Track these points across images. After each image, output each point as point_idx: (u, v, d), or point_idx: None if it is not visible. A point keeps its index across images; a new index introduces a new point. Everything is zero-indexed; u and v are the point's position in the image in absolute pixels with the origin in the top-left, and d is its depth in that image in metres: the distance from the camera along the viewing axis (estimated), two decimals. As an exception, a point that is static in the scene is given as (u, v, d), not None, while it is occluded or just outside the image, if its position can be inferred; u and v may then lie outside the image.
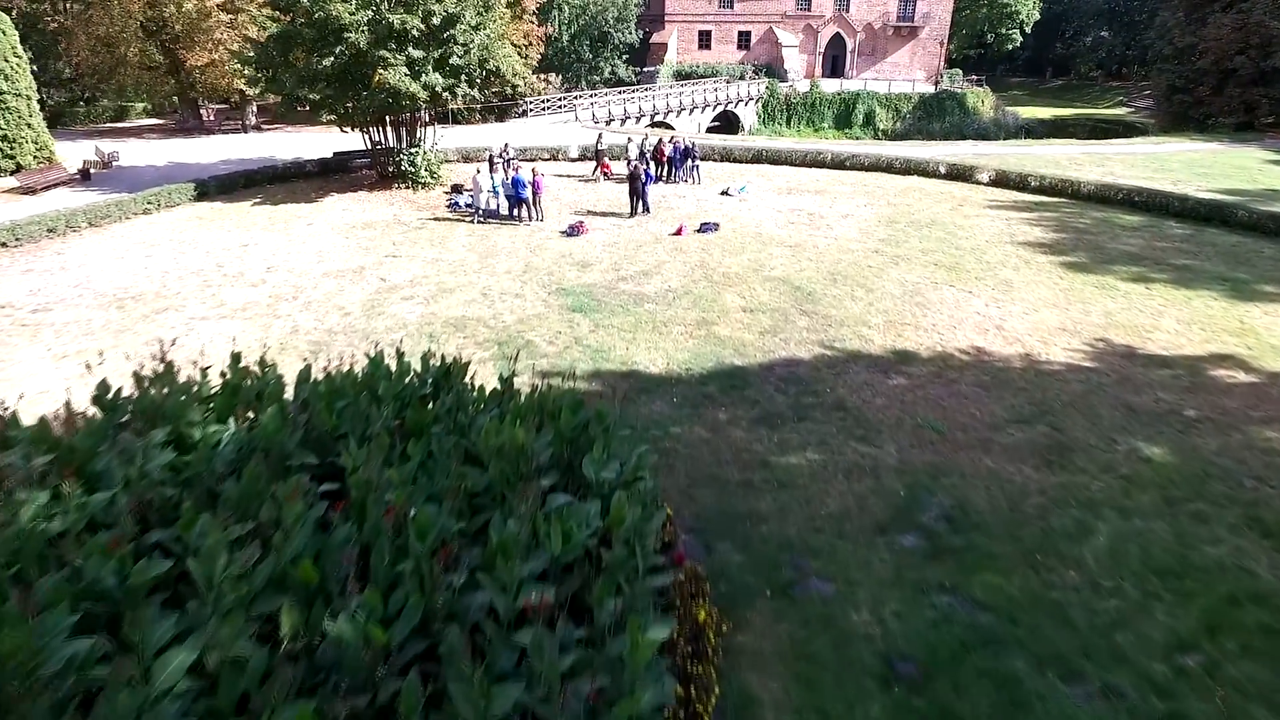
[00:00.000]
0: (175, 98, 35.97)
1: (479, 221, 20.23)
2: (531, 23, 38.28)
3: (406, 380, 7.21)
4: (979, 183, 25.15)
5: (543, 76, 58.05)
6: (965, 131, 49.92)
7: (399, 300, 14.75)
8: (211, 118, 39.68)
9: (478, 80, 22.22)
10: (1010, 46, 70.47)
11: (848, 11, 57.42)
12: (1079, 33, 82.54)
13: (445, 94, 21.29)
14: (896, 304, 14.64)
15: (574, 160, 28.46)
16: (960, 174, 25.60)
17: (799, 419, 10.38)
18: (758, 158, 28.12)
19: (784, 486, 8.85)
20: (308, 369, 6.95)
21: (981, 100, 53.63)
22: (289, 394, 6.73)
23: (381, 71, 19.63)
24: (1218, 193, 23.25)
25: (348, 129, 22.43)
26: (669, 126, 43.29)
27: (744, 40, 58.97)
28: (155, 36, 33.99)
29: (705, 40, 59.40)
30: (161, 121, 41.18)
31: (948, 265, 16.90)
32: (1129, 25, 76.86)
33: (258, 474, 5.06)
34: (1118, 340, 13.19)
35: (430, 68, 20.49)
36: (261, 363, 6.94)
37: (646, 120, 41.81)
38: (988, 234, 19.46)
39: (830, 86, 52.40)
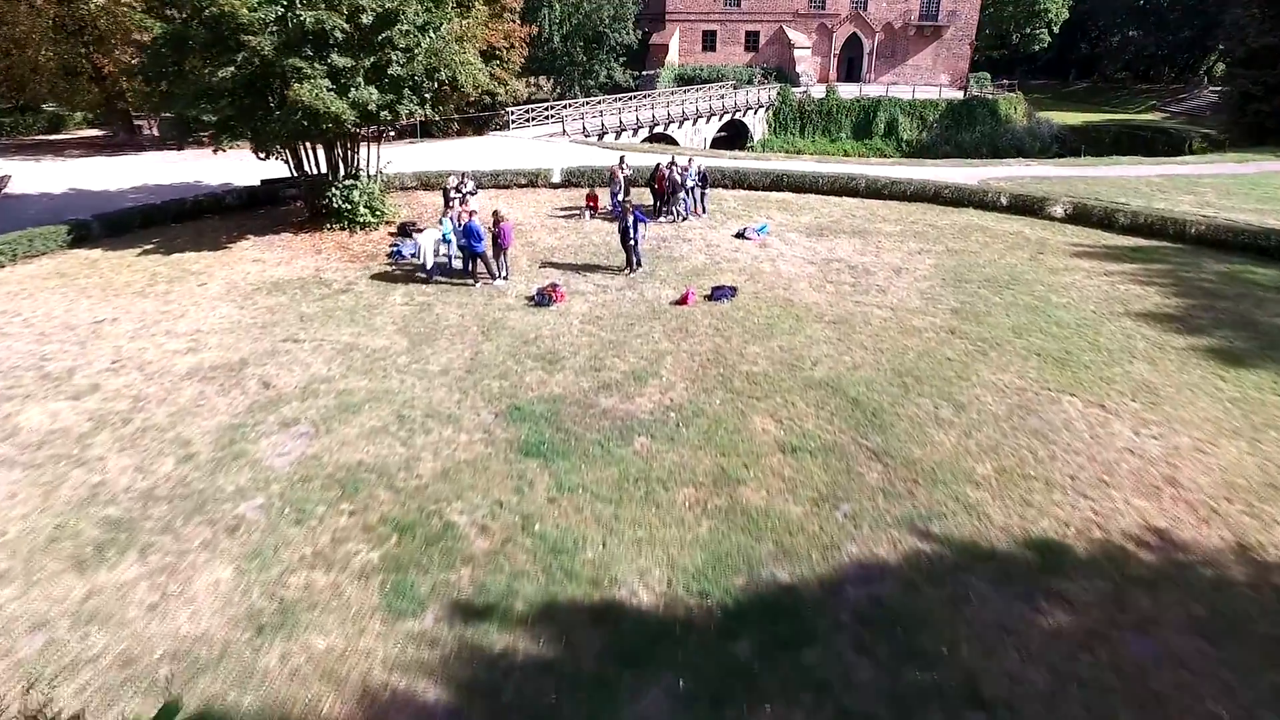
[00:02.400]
0: (101, 109, 31.33)
1: (425, 279, 15.56)
2: (514, 22, 33.54)
3: None
4: (1052, 218, 20.44)
5: (532, 81, 53.45)
6: (998, 143, 45.31)
7: (276, 427, 10.07)
8: (155, 130, 35.13)
9: (428, 95, 17.52)
10: (1038, 47, 65.69)
11: (865, 10, 52.71)
12: (1105, 32, 77.70)
13: (384, 113, 16.61)
14: (1005, 433, 9.95)
15: (557, 186, 23.78)
16: (1027, 207, 20.90)
17: (908, 738, 5.71)
18: (777, 184, 23.43)
19: None
20: None
21: (1014, 107, 48.90)
22: None
23: (295, 86, 14.95)
24: (1359, 234, 18.51)
25: (263, 155, 17.73)
26: (671, 140, 38.63)
27: (752, 41, 54.30)
28: (77, 37, 29.37)
29: (710, 41, 54.76)
30: (96, 134, 36.56)
31: (1056, 357, 12.19)
32: (1161, 24, 72.05)
33: None
34: (1368, 511, 8.49)
35: (361, 80, 15.81)
36: None
37: (645, 132, 37.14)
38: (1090, 299, 14.75)
39: (847, 92, 47.71)
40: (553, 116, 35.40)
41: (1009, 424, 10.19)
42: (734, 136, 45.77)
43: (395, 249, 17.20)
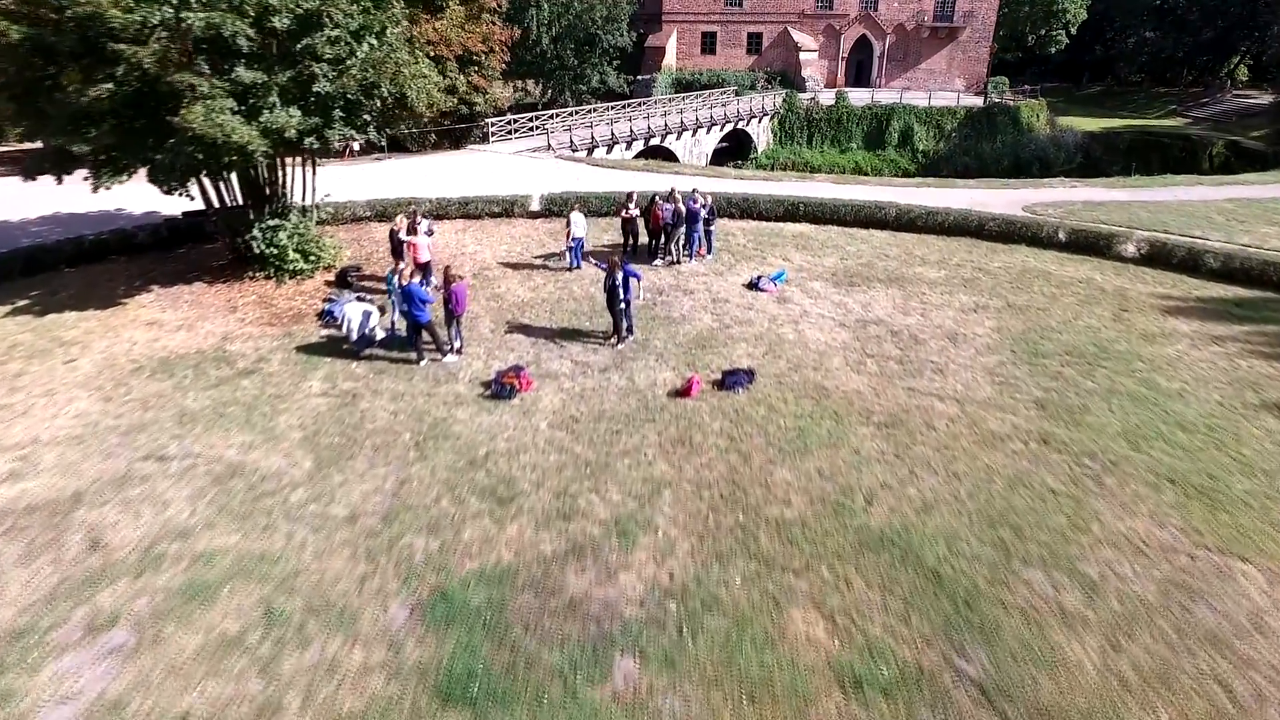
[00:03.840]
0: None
1: (356, 354, 12.25)
2: (493, 24, 30.25)
3: None
4: (1123, 258, 17.15)
5: (519, 85, 50.17)
6: (1020, 154, 42.08)
7: (80, 631, 6.74)
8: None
9: (369, 116, 14.19)
10: (1054, 49, 62.48)
11: (875, 10, 49.42)
12: (1120, 33, 74.46)
13: (309, 139, 13.28)
14: (1169, 641, 6.66)
15: (536, 215, 20.44)
16: (1091, 245, 17.61)
17: None
18: (792, 213, 20.11)
19: None
20: None
21: (1036, 115, 45.64)
22: None
23: (186, 108, 11.62)
24: None
25: (165, 190, 14.32)
26: (669, 154, 35.31)
27: (754, 43, 50.99)
28: None
29: (709, 43, 51.44)
30: (34, 148, 33.08)
31: (1198, 485, 8.89)
32: (1180, 24, 68.85)
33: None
34: None
35: (277, 99, 12.48)
36: None
37: (639, 144, 33.81)
38: (1210, 382, 11.45)
39: (858, 98, 44.41)
40: (537, 128, 32.05)
41: (1170, 622, 6.90)
42: (736, 147, 42.47)
43: (329, 307, 13.85)
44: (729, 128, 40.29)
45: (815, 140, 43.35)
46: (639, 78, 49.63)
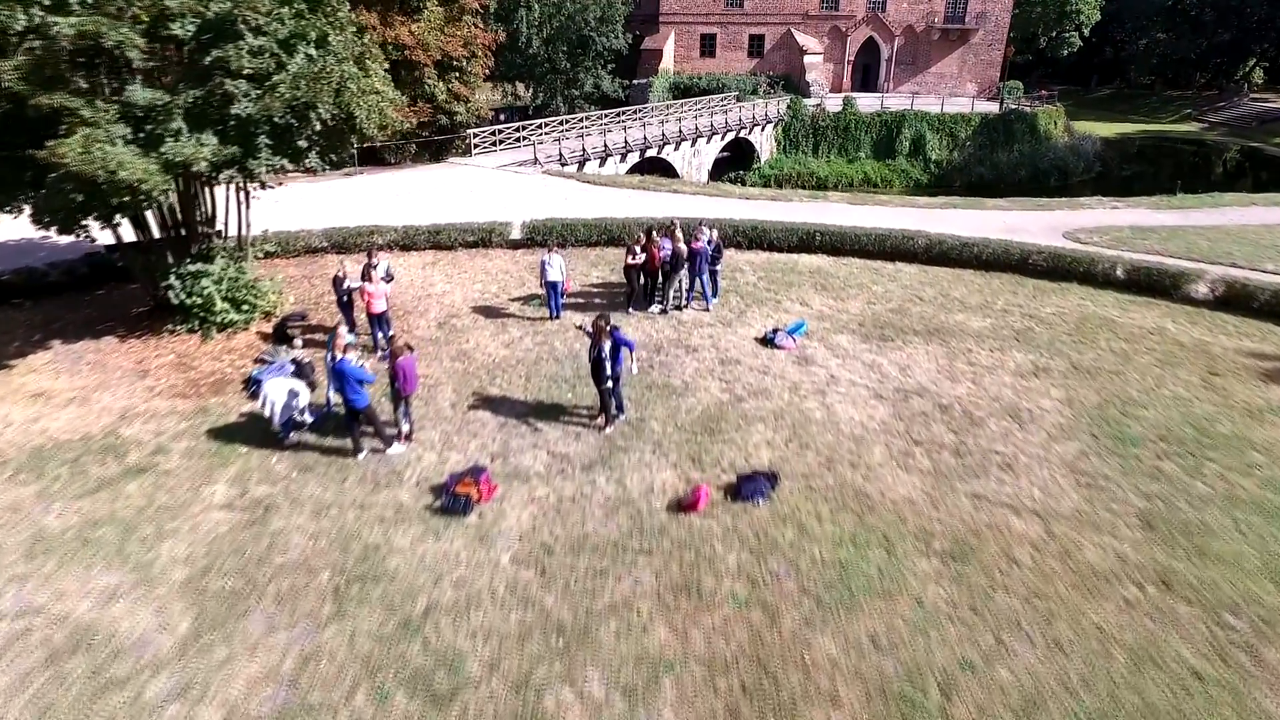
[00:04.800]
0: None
1: (282, 440, 9.85)
2: (476, 26, 27.85)
3: None
4: (1193, 300, 14.84)
5: (510, 90, 47.81)
6: (1038, 164, 39.80)
7: None
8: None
9: (307, 141, 11.77)
10: (1066, 51, 60.22)
11: (883, 11, 47.08)
12: (1131, 35, 72.22)
13: (226, 172, 10.87)
14: None
15: (517, 245, 18.03)
16: (1155, 284, 15.29)
17: None
18: (807, 243, 17.72)
19: None
20: None
21: (1054, 121, 43.30)
22: None
23: (57, 140, 9.23)
24: None
25: (57, 230, 11.88)
26: (667, 167, 32.93)
27: (756, 46, 48.63)
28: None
29: (709, 46, 49.09)
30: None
31: (1388, 662, 6.54)
32: (1195, 25, 66.64)
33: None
34: None
35: (183, 124, 10.06)
36: None
37: (635, 156, 31.41)
38: (1348, 483, 9.10)
39: (866, 104, 42.04)
40: (524, 139, 29.62)
41: None
42: (738, 156, 40.10)
43: (257, 373, 11.42)
44: (730, 136, 37.91)
45: (821, 149, 40.96)
46: (635, 82, 47.22)
